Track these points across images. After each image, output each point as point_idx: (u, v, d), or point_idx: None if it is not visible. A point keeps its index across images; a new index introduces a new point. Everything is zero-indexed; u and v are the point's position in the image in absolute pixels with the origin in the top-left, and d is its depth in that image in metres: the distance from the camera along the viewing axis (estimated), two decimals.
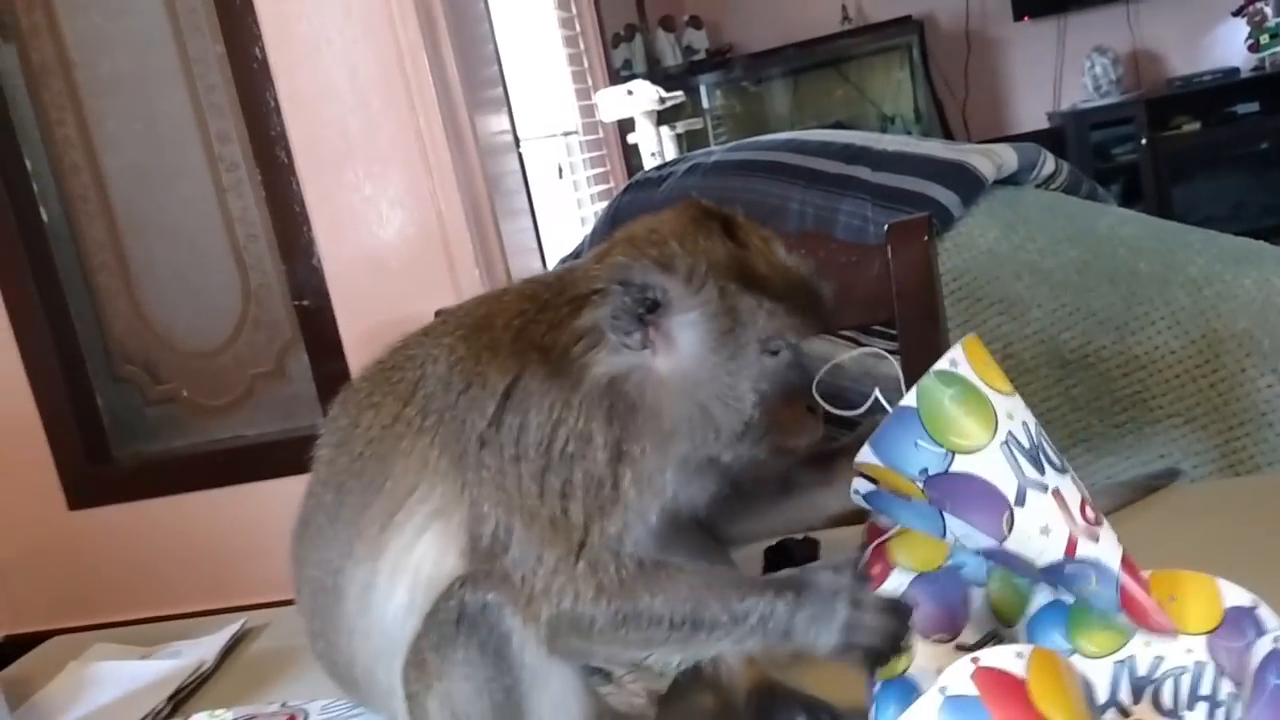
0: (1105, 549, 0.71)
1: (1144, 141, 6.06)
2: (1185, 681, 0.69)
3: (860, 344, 2.14)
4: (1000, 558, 0.74)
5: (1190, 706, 0.68)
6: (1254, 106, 6.09)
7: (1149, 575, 0.73)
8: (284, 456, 2.16)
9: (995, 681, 0.64)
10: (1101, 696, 0.70)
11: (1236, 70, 6.18)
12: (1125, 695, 0.70)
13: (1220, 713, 0.67)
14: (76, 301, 2.09)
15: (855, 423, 2.31)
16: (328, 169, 1.82)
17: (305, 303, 1.95)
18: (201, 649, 1.30)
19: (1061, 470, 0.74)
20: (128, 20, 1.93)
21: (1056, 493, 0.72)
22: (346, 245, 1.82)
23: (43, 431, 2.15)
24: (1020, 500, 0.71)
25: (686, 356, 0.79)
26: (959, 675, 0.64)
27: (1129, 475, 1.62)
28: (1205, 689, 0.68)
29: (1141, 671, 0.70)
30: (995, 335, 2.00)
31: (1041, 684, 0.64)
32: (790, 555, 1.17)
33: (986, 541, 0.72)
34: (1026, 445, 0.73)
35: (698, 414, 0.80)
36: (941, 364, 0.75)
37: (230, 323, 2.06)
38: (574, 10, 4.78)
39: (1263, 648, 0.61)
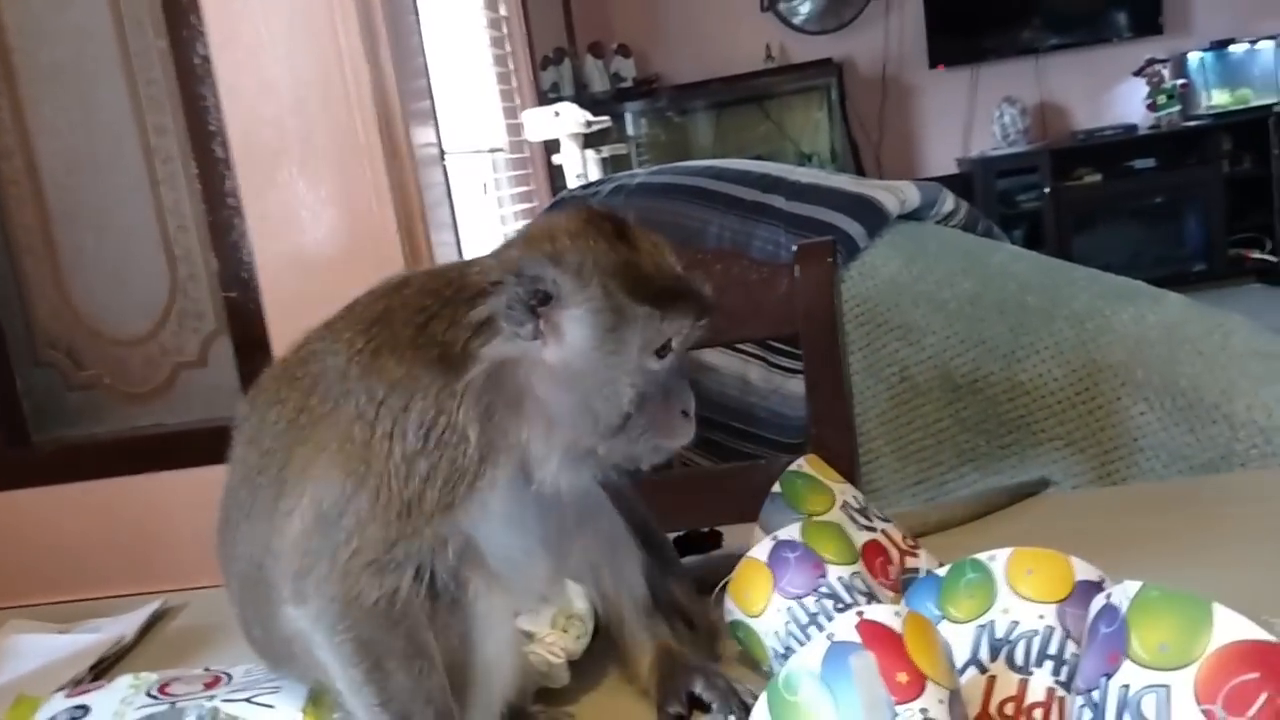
0: (924, 561, 1.04)
1: (1047, 190, 6.33)
2: (1036, 643, 0.78)
3: (769, 362, 2.25)
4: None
5: (1039, 664, 0.77)
6: (1151, 162, 6.42)
7: (1012, 552, 0.82)
8: (204, 445, 2.16)
9: (875, 631, 0.72)
10: (965, 655, 0.79)
11: (1135, 127, 6.50)
12: (985, 654, 0.79)
13: (1065, 669, 0.77)
14: (1, 285, 2.10)
15: (758, 436, 2.40)
16: (263, 166, 1.86)
17: (233, 295, 1.98)
18: (121, 625, 1.31)
19: (885, 520, 1.07)
20: (69, 13, 1.95)
21: (884, 533, 1.05)
22: (277, 241, 1.86)
23: None
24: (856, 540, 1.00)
25: (572, 349, 0.83)
26: (845, 624, 0.73)
27: (1007, 481, 1.73)
28: (1053, 650, 0.78)
29: (999, 634, 0.79)
30: (894, 359, 2.12)
31: (915, 639, 0.72)
32: (697, 547, 1.25)
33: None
34: (857, 508, 1.06)
35: (579, 405, 0.84)
36: (792, 467, 1.08)
37: (156, 312, 2.07)
38: (504, 30, 4.85)
39: (1097, 604, 0.70)
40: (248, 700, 0.94)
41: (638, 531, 1.01)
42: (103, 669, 1.21)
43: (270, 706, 0.93)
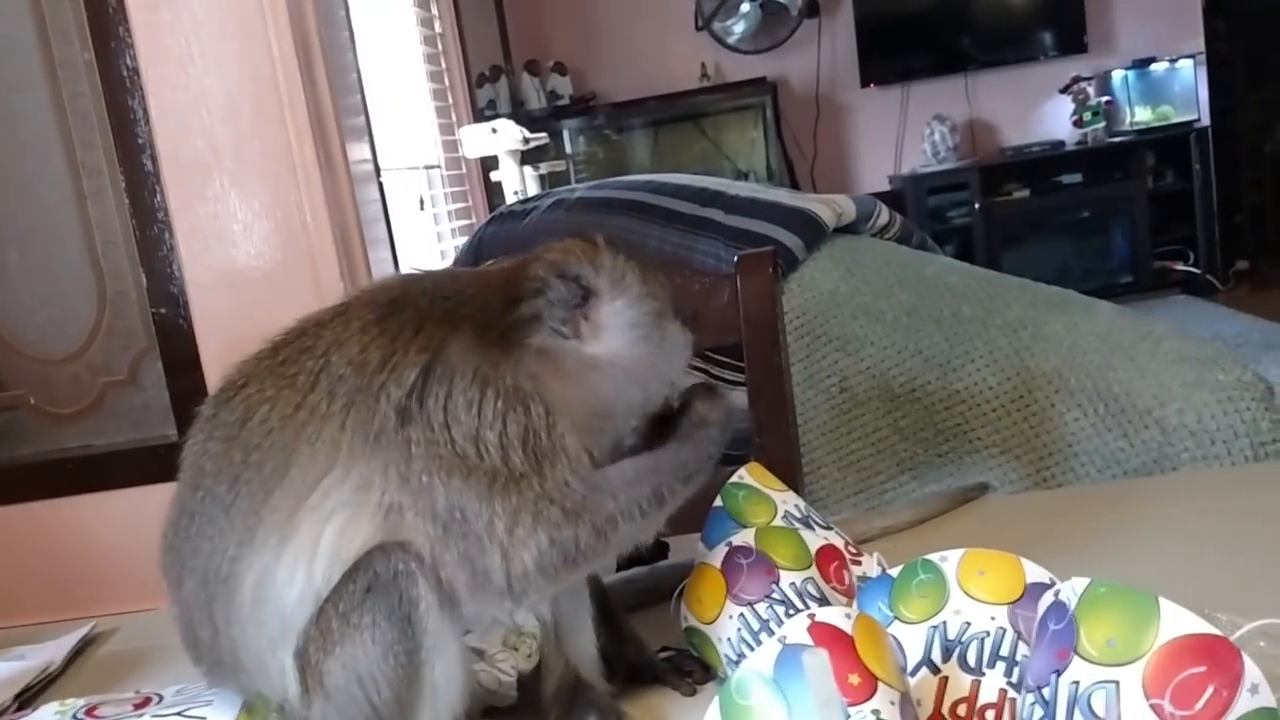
0: (869, 567, 1.03)
1: (977, 206, 6.45)
2: (988, 644, 0.78)
3: (710, 374, 2.25)
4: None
5: (991, 665, 0.78)
6: (1077, 177, 6.57)
7: (964, 553, 0.82)
8: (133, 466, 2.12)
9: (827, 633, 0.72)
10: (917, 656, 0.79)
11: (1062, 143, 6.65)
12: (937, 655, 0.79)
13: (1016, 670, 0.77)
14: None
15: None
16: (193, 179, 1.82)
17: (163, 311, 1.93)
18: (48, 652, 1.27)
19: (827, 528, 1.06)
20: None
21: (827, 540, 1.03)
22: (209, 256, 1.81)
23: None
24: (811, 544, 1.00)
25: (619, 340, 0.87)
26: (796, 627, 0.72)
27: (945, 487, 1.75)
28: (1005, 651, 0.78)
29: (951, 635, 0.79)
30: (833, 370, 2.14)
31: (865, 641, 0.72)
32: (643, 558, 1.24)
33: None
34: (799, 516, 1.04)
35: (632, 391, 0.88)
36: (734, 479, 1.06)
37: (83, 330, 2.01)
38: (439, 47, 4.83)
39: (1046, 600, 0.70)
40: (179, 714, 0.91)
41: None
42: (28, 697, 1.17)
43: (202, 719, 0.91)
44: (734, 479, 1.07)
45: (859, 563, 1.04)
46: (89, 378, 2.01)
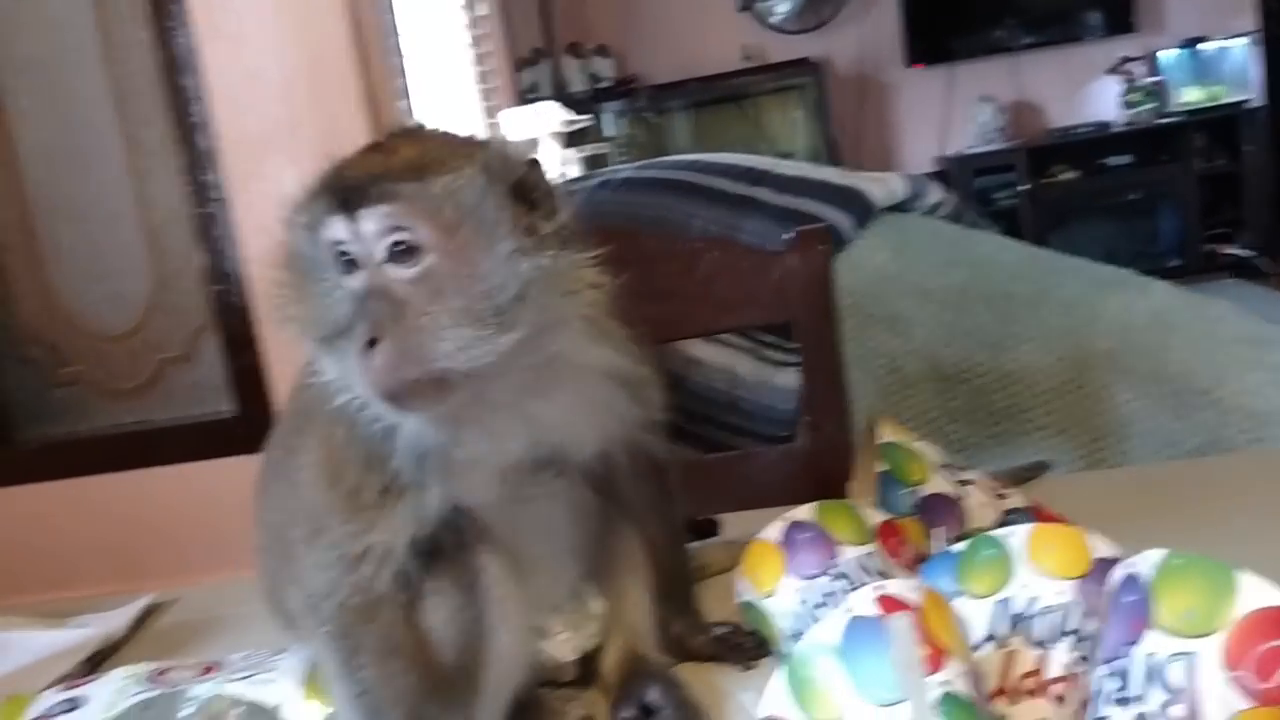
0: (1016, 501, 1.08)
1: (1024, 187, 6.37)
2: (1055, 618, 0.77)
3: (757, 354, 2.24)
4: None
5: (1059, 639, 0.77)
6: (1126, 159, 6.46)
7: (1031, 528, 0.82)
8: (190, 441, 2.15)
9: (895, 606, 0.72)
10: (983, 630, 0.78)
11: (1110, 125, 6.55)
12: (1003, 629, 0.78)
13: (1084, 644, 0.76)
14: None
15: (746, 429, 2.39)
16: (248, 157, 1.83)
17: (220, 289, 1.95)
18: (111, 621, 1.29)
19: (968, 468, 1.13)
20: (49, 5, 1.92)
21: (976, 480, 1.10)
22: (265, 233, 1.83)
23: None
24: (961, 493, 1.08)
25: None
26: (863, 599, 0.72)
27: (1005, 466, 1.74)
28: (1072, 625, 0.77)
29: (1018, 609, 0.78)
30: (882, 351, 2.12)
31: (933, 613, 0.72)
32: (693, 535, 1.24)
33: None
34: (943, 464, 1.11)
35: None
36: (882, 440, 1.11)
37: (140, 306, 2.04)
38: (483, 29, 4.83)
39: (1119, 574, 0.70)
40: (247, 680, 0.93)
41: (663, 546, 0.99)
42: (94, 664, 1.19)
43: (270, 683, 0.92)
44: (883, 440, 1.10)
45: (1006, 497, 1.10)
46: (146, 354, 2.04)
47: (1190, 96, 6.52)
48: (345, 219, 0.75)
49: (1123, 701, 0.64)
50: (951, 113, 6.70)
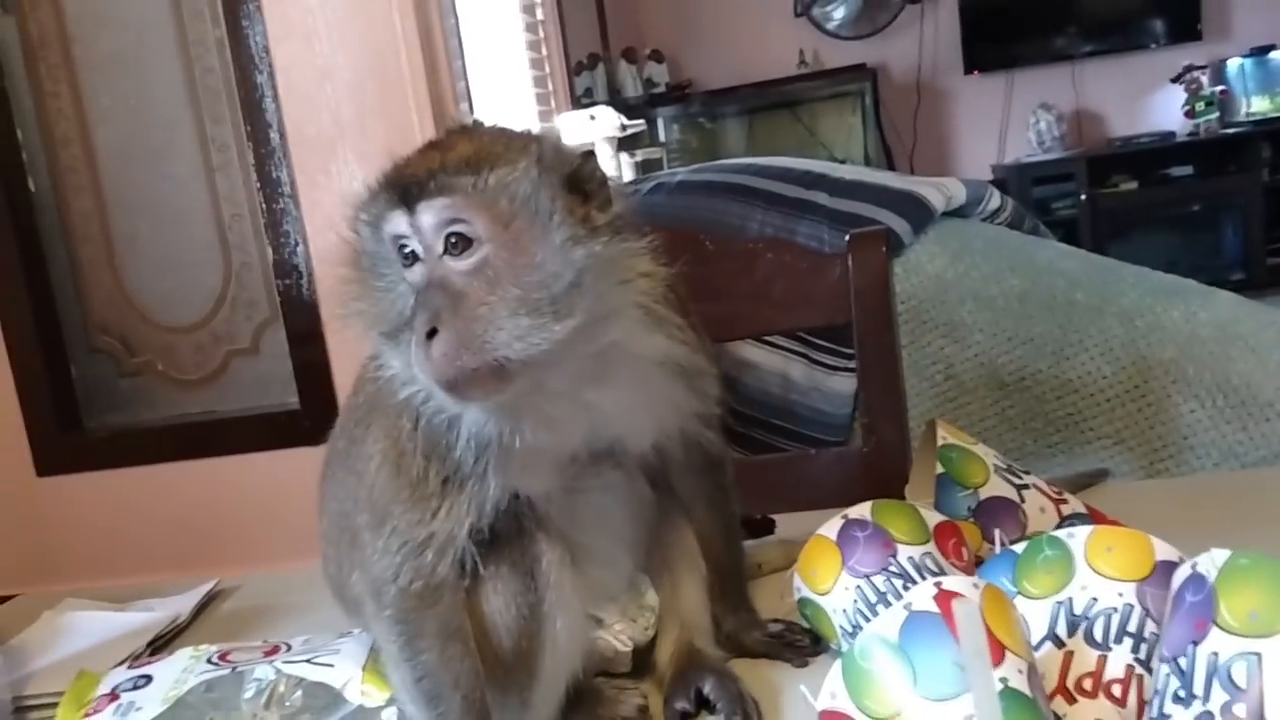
0: (1075, 506, 1.08)
1: (1083, 197, 6.28)
2: (1115, 620, 0.77)
3: (809, 358, 2.23)
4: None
5: (1119, 641, 0.76)
6: (1188, 170, 6.35)
7: (1092, 530, 0.81)
8: (254, 433, 2.20)
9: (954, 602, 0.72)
10: (1042, 631, 0.78)
11: (1173, 134, 6.44)
12: (1062, 630, 0.78)
13: (1144, 647, 0.76)
14: (58, 271, 2.12)
15: (798, 434, 2.38)
16: (318, 154, 1.87)
17: (287, 283, 1.99)
18: (175, 604, 1.33)
19: (1027, 473, 1.12)
20: (129, 3, 1.97)
21: (1035, 484, 1.10)
22: (332, 230, 1.87)
23: (15, 398, 2.16)
24: (1020, 496, 1.07)
25: None
26: (923, 594, 0.72)
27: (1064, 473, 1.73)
28: (1132, 627, 0.77)
29: (1077, 610, 0.78)
30: (939, 357, 2.10)
31: (992, 610, 0.72)
32: (750, 533, 1.25)
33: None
34: (1003, 467, 1.11)
35: None
36: (941, 442, 1.10)
37: (209, 299, 2.09)
38: (540, 34, 4.87)
39: (1182, 573, 0.69)
40: (309, 662, 0.95)
41: (718, 541, 1.01)
42: (159, 645, 1.22)
43: (330, 666, 0.94)
44: (941, 441, 1.10)
45: (1067, 503, 1.09)
46: (213, 346, 2.09)
47: (1257, 106, 6.40)
48: (405, 213, 0.78)
49: (1184, 700, 0.64)
50: (1010, 121, 6.64)
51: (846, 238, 1.47)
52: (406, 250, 0.78)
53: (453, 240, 0.76)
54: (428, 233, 0.77)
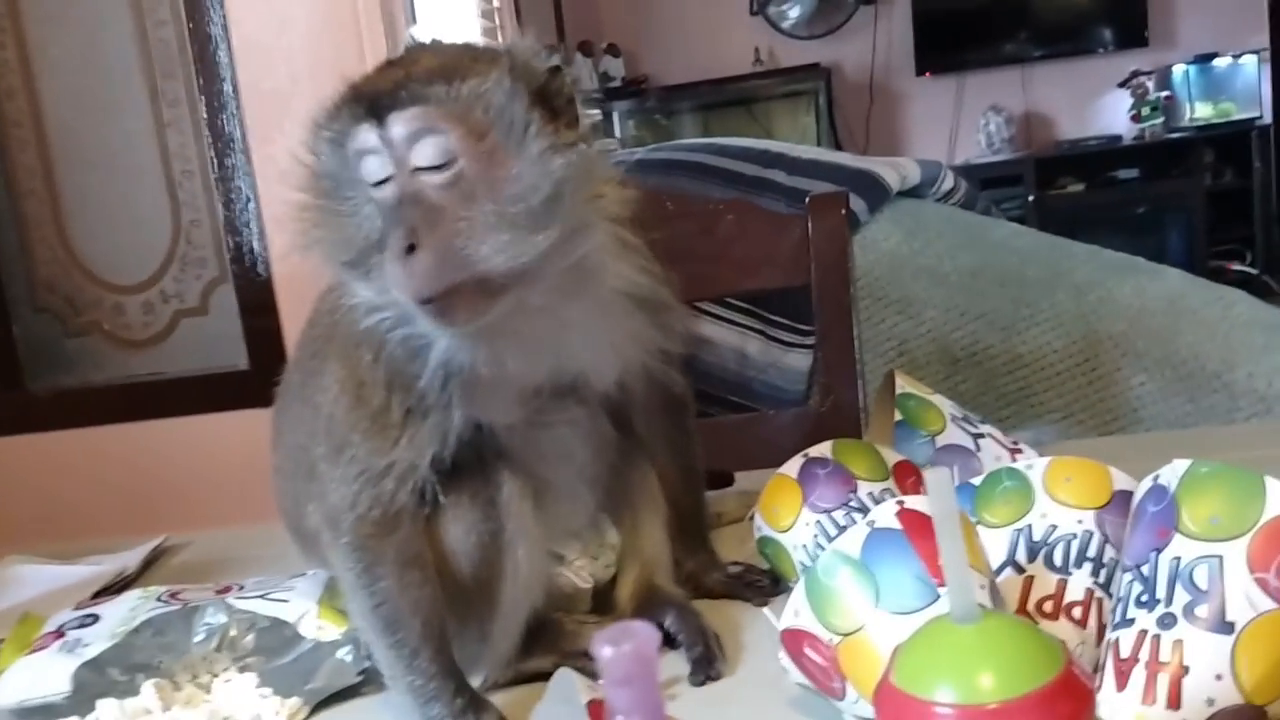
0: (1029, 457, 1.02)
1: (1031, 198, 6.37)
2: (1074, 545, 0.78)
3: (768, 335, 2.24)
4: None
5: (1078, 565, 0.77)
6: (1134, 172, 6.46)
7: (1050, 460, 0.82)
8: (203, 393, 2.16)
9: (916, 520, 0.72)
10: (1001, 557, 0.79)
11: (1119, 138, 6.55)
12: (1022, 556, 0.78)
13: (1103, 572, 0.76)
14: (1, 228, 2.07)
15: (754, 410, 2.39)
16: (272, 112, 1.83)
17: (237, 241, 1.95)
18: (122, 559, 1.30)
19: (984, 422, 1.12)
20: None
21: (990, 434, 1.10)
22: (286, 188, 1.84)
23: None
24: (977, 445, 1.07)
25: None
26: (885, 512, 0.72)
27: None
28: (1091, 552, 0.77)
29: (1037, 537, 0.79)
30: (892, 334, 2.12)
31: None
32: (709, 485, 1.24)
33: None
34: (959, 416, 1.10)
35: None
36: (899, 390, 1.10)
37: (158, 258, 2.05)
38: (496, 22, 4.84)
39: (1143, 487, 0.70)
40: (262, 597, 0.93)
41: (679, 482, 1.00)
42: (106, 595, 1.19)
43: (285, 601, 0.92)
44: (899, 390, 1.10)
45: (1020, 452, 1.10)
46: (161, 306, 2.04)
47: (1201, 112, 6.53)
48: (374, 126, 0.75)
49: (1147, 604, 0.65)
50: (960, 122, 6.71)
51: (807, 200, 1.47)
52: (375, 166, 0.76)
53: (427, 153, 0.74)
54: (399, 146, 0.74)
